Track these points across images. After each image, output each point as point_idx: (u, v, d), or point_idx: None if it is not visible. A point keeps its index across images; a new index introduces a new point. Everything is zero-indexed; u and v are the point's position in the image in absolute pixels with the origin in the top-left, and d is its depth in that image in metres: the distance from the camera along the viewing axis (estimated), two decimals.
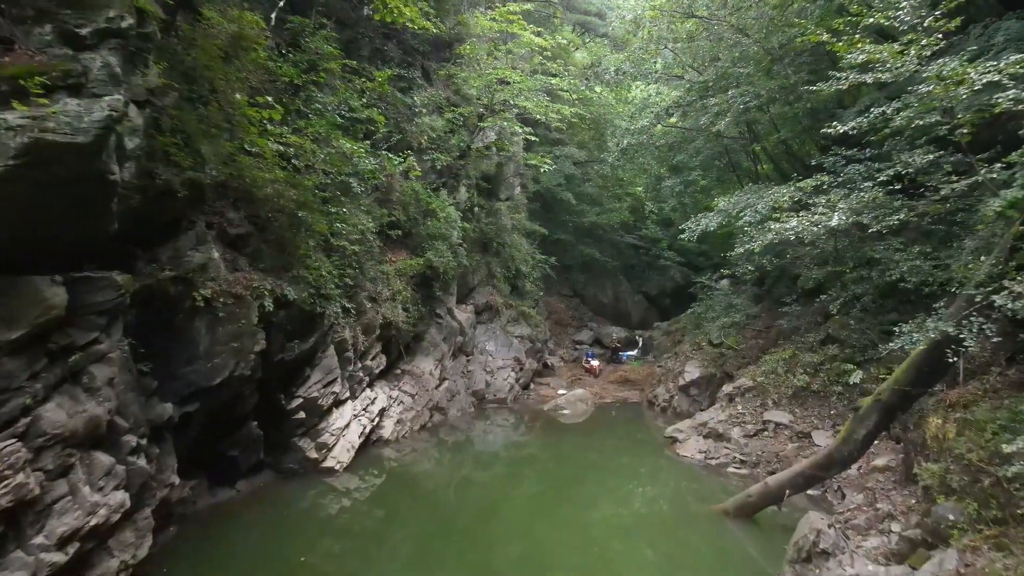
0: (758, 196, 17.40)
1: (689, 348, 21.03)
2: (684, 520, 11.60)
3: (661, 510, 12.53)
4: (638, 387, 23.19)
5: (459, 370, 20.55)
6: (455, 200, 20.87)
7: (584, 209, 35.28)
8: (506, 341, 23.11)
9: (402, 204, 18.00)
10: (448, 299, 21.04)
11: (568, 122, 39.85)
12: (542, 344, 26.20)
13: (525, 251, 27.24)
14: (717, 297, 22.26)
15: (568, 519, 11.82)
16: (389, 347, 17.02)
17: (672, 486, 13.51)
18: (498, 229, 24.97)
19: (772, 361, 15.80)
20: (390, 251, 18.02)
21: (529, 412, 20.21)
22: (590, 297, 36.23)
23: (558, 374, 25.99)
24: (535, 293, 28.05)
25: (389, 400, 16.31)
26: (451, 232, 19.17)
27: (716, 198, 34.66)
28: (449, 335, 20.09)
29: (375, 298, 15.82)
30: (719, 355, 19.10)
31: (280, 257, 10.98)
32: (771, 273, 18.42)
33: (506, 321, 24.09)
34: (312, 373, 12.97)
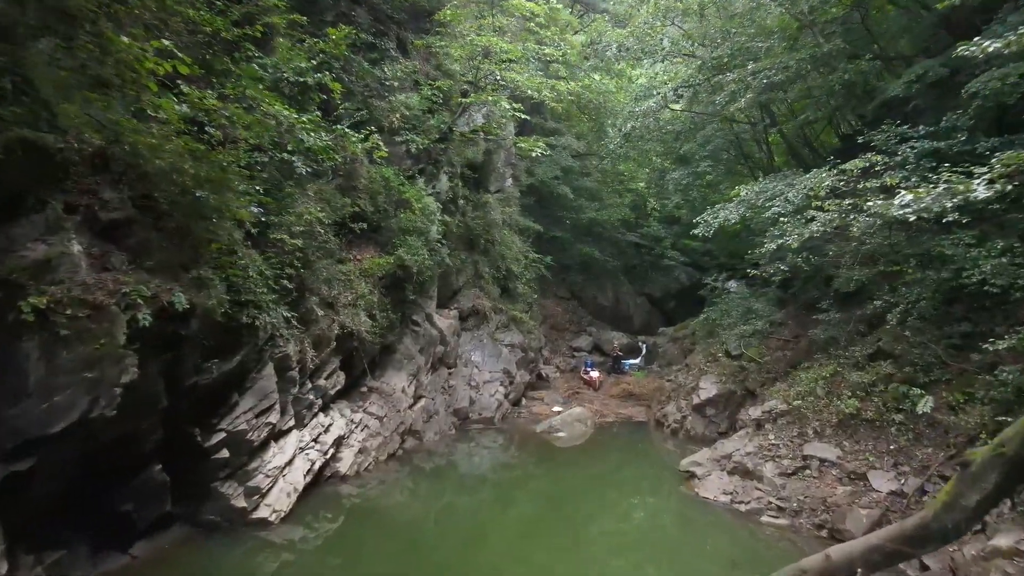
0: (788, 183, 14.81)
1: (703, 359, 18.37)
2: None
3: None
4: (643, 402, 20.54)
5: (439, 385, 17.87)
6: (435, 190, 18.21)
7: (582, 204, 32.65)
8: (494, 351, 20.43)
9: (369, 193, 15.35)
10: (426, 303, 18.38)
11: (566, 112, 37.39)
12: (536, 353, 23.52)
13: (517, 249, 24.56)
14: (733, 301, 19.60)
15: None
16: (351, 362, 14.34)
17: (692, 542, 10.81)
18: (486, 224, 22.29)
19: (808, 379, 13.14)
20: (355, 248, 15.39)
21: (519, 434, 17.53)
22: (589, 299, 33.57)
23: (553, 386, 23.31)
24: (528, 296, 25.38)
25: (350, 425, 13.63)
26: (429, 226, 16.53)
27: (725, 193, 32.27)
28: (427, 345, 17.42)
29: (331, 304, 13.15)
30: (739, 369, 16.45)
31: (179, 252, 8.28)
32: (802, 274, 15.77)
33: (495, 328, 21.43)
34: (241, 399, 10.29)
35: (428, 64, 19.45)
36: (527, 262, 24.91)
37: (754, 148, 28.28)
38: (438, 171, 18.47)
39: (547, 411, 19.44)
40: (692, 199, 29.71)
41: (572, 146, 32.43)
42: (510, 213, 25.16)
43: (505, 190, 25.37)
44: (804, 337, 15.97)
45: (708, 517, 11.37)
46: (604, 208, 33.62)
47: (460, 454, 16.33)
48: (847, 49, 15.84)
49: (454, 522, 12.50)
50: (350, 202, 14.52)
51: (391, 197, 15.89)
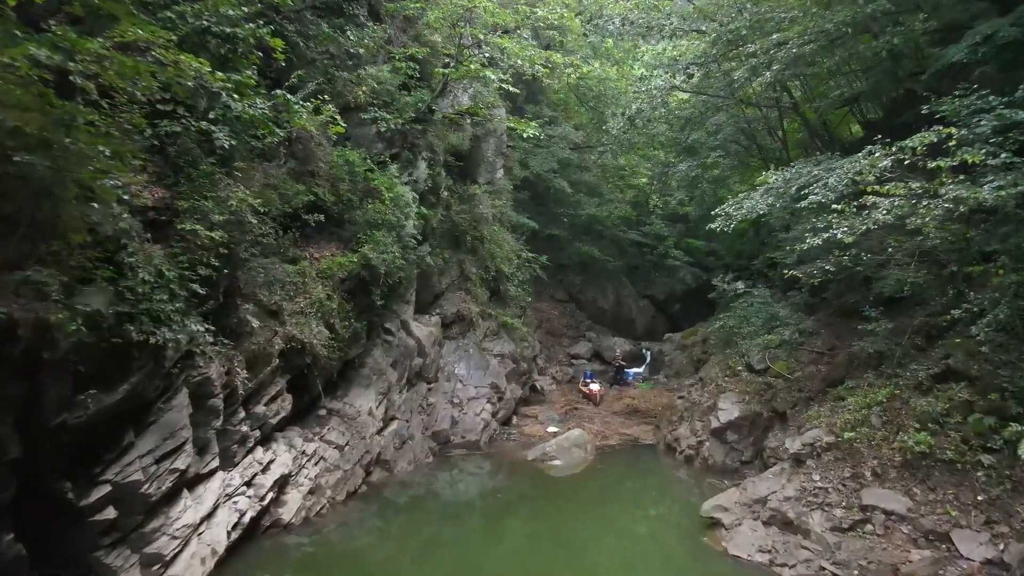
0: (825, 168, 12.43)
1: (719, 373, 15.97)
2: None
3: None
4: (650, 420, 18.13)
5: (415, 404, 15.45)
6: (411, 178, 15.81)
7: (581, 200, 30.27)
8: (481, 362, 18.01)
9: (330, 179, 12.97)
10: (402, 309, 15.97)
11: (563, 102, 35.04)
12: (529, 363, 21.11)
13: (509, 248, 22.16)
14: (753, 306, 17.19)
15: None
16: (304, 381, 11.92)
17: None
18: (473, 219, 19.89)
19: (858, 404, 10.75)
20: (313, 245, 13.00)
21: (508, 461, 15.10)
22: (588, 302, 31.18)
23: (549, 400, 20.89)
24: (522, 299, 22.98)
25: (300, 460, 11.21)
26: (403, 220, 14.14)
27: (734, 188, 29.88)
28: (401, 357, 15.01)
29: (275, 312, 10.73)
30: (764, 387, 14.06)
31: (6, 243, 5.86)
32: (839, 275, 13.37)
33: (482, 335, 19.02)
34: (138, 440, 7.87)
35: (405, 35, 17.07)
36: (520, 262, 22.51)
37: (767, 139, 25.97)
38: (415, 157, 16.06)
39: (541, 432, 17.03)
40: (700, 193, 27.36)
41: (570, 137, 29.98)
42: (501, 207, 22.78)
43: (496, 182, 22.97)
44: (842, 349, 13.58)
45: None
46: (604, 204, 31.23)
47: (438, 486, 13.93)
48: (893, 11, 13.45)
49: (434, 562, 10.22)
50: (304, 189, 12.13)
51: (356, 185, 13.51)
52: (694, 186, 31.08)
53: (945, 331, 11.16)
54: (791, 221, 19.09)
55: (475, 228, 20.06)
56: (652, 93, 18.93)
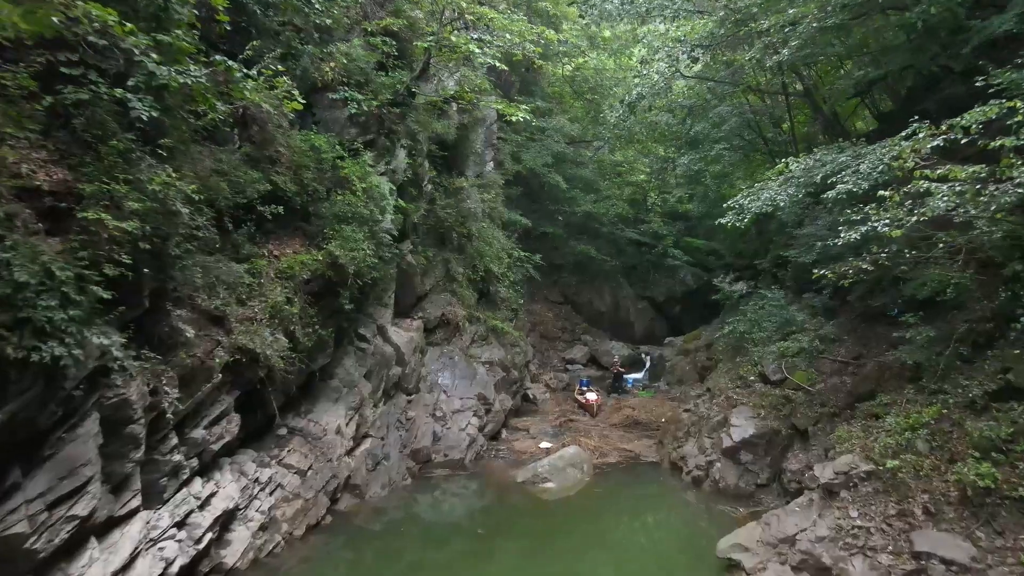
0: (853, 154, 10.95)
1: (728, 384, 14.48)
2: None
3: None
4: (652, 433, 16.61)
5: (392, 419, 13.89)
6: (389, 167, 14.26)
7: (577, 196, 28.80)
8: (468, 371, 16.47)
9: (292, 166, 11.42)
10: (379, 313, 14.44)
11: (558, 94, 33.53)
12: (521, 369, 19.59)
13: (499, 246, 20.63)
14: (765, 310, 15.69)
15: None
16: (260, 399, 10.37)
17: None
18: (460, 215, 18.37)
19: (899, 425, 9.25)
20: (274, 240, 11.46)
21: (495, 482, 13.56)
22: (584, 304, 29.71)
23: (542, 410, 19.37)
24: (514, 301, 21.47)
25: (251, 489, 9.67)
26: (377, 214, 12.59)
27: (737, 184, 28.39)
28: (377, 367, 13.47)
29: (219, 318, 9.17)
30: (782, 400, 12.57)
31: None
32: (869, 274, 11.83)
33: (470, 341, 17.48)
34: (27, 481, 6.32)
35: (383, 10, 15.51)
36: (511, 261, 20.98)
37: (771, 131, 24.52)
38: (393, 144, 14.50)
39: (533, 448, 15.49)
40: (703, 189, 25.88)
41: (565, 129, 28.50)
42: (491, 203, 21.23)
43: (485, 176, 21.46)
44: (870, 359, 12.10)
45: None
46: (601, 200, 29.76)
47: (417, 509, 12.41)
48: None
49: None
50: (259, 177, 10.58)
51: (324, 174, 11.96)
52: (696, 181, 29.75)
53: (994, 340, 9.69)
54: (805, 216, 17.66)
55: (462, 224, 18.53)
56: (654, 78, 17.39)
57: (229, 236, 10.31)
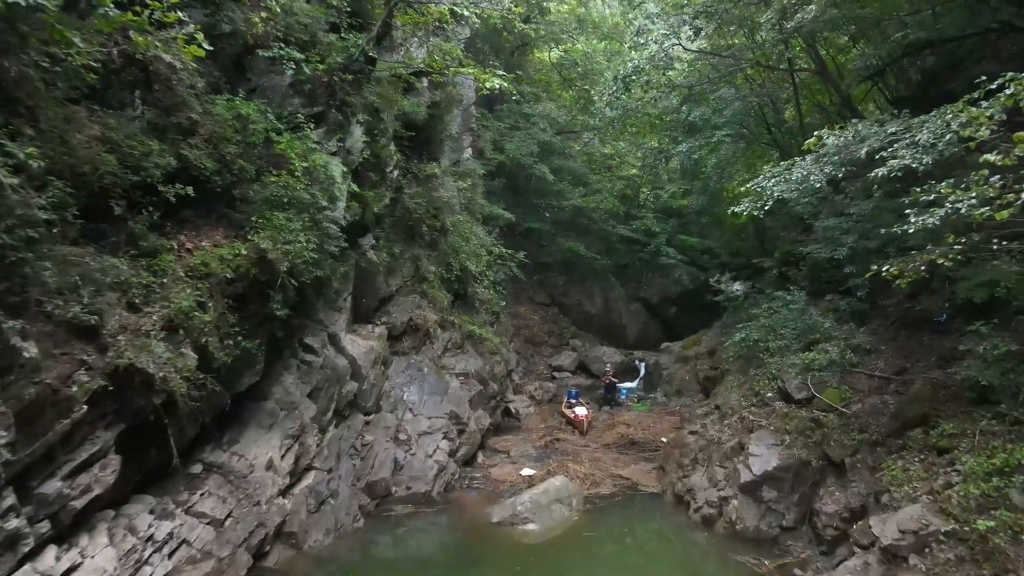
0: (902, 125, 8.87)
1: (742, 400, 12.39)
2: None
3: None
4: (650, 455, 14.50)
5: (345, 445, 11.65)
6: (341, 146, 12.02)
7: (564, 189, 26.61)
8: (438, 385, 14.26)
9: (211, 138, 9.16)
10: (331, 319, 12.25)
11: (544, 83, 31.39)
12: (501, 381, 17.41)
13: (479, 242, 18.45)
14: (781, 314, 13.62)
15: None
16: (156, 437, 8.08)
17: None
18: (433, 206, 16.17)
19: (984, 468, 7.16)
20: (189, 230, 9.22)
21: (466, 523, 11.33)
22: (572, 306, 27.58)
23: (525, 427, 17.19)
24: (494, 303, 19.28)
25: (140, 551, 7.40)
26: (321, 199, 10.38)
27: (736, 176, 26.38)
28: (326, 384, 11.23)
29: (87, 331, 6.89)
30: (811, 424, 10.47)
31: None
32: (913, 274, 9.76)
33: (441, 350, 15.27)
34: None
35: None
36: (491, 259, 18.78)
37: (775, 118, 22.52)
38: (347, 120, 12.25)
39: (513, 475, 13.29)
40: (702, 180, 23.80)
41: (552, 116, 26.35)
42: (469, 194, 19.01)
43: (463, 164, 19.27)
44: (917, 374, 10.03)
45: None
46: (591, 194, 27.65)
47: (365, 563, 10.18)
48: None
49: None
50: (160, 148, 8.33)
51: (252, 149, 9.70)
52: (694, 174, 27.74)
53: None
54: (820, 207, 15.65)
55: (434, 217, 16.32)
56: (651, 48, 15.26)
57: (123, 224, 8.09)
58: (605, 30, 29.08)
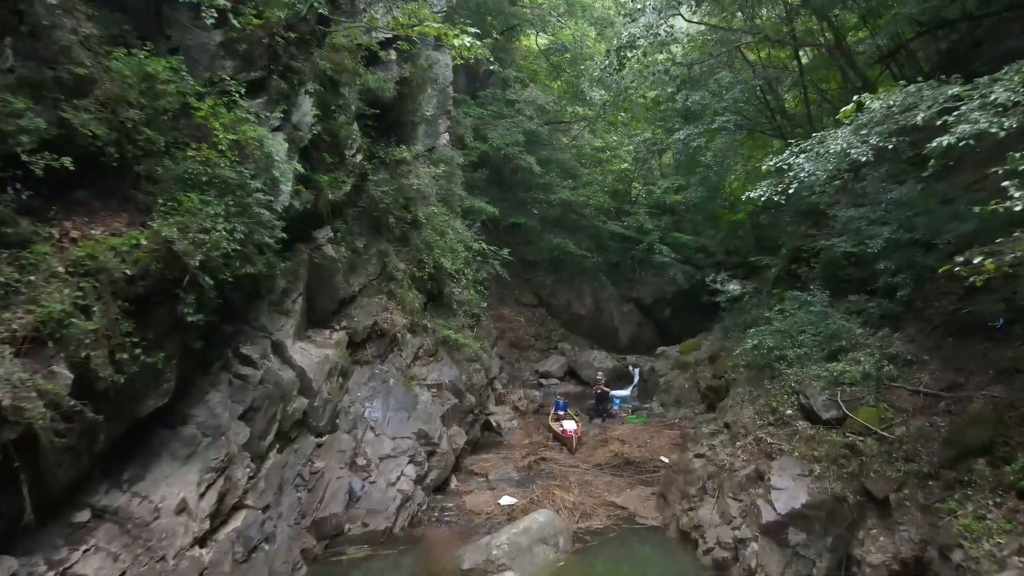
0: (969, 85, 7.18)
1: (757, 418, 10.64)
2: None
3: None
4: (648, 477, 12.76)
5: (289, 475, 9.78)
6: (286, 120, 10.17)
7: (552, 182, 24.81)
8: (406, 398, 12.43)
9: (109, 101, 7.32)
10: (275, 324, 10.42)
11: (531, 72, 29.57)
12: (480, 392, 15.64)
13: (456, 237, 16.65)
14: (799, 316, 11.91)
15: None
16: (35, 471, 6.21)
17: None
18: (402, 195, 14.31)
19: None
20: (80, 214, 7.40)
21: (430, 567, 9.48)
22: (561, 307, 25.81)
23: (508, 442, 15.40)
24: (474, 304, 17.52)
25: None
26: (251, 181, 8.53)
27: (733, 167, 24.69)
28: (265, 402, 9.36)
29: None
30: (844, 451, 8.73)
31: None
32: None
33: (411, 358, 13.43)
34: None
35: None
36: (470, 255, 16.98)
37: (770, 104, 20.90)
38: (294, 90, 10.40)
39: (490, 504, 11.47)
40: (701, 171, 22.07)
41: (539, 102, 24.56)
42: (446, 184, 17.20)
43: (439, 151, 17.42)
44: (974, 390, 8.31)
45: None
46: (581, 187, 25.90)
47: None
48: None
49: None
50: (25, 107, 6.48)
51: (161, 116, 7.83)
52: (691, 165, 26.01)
53: None
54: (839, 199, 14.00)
55: (405, 208, 14.48)
56: (649, 17, 13.49)
57: None
58: (595, 15, 27.34)
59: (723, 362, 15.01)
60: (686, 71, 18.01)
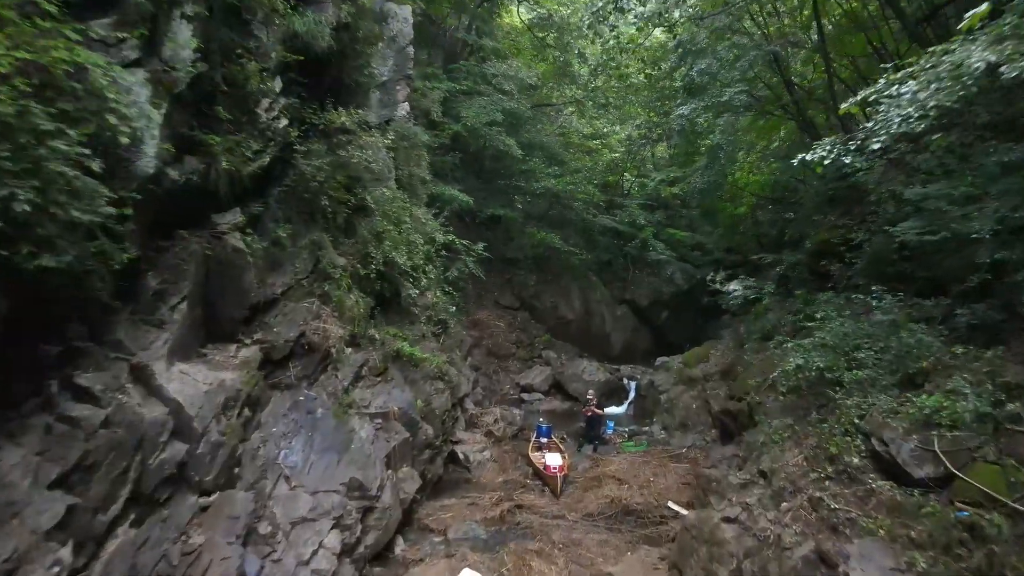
0: None
1: (808, 467, 7.79)
2: None
3: None
4: (655, 532, 9.89)
5: (150, 558, 6.76)
6: (146, 49, 7.17)
7: (536, 168, 21.89)
8: (337, 436, 9.44)
9: None
10: (141, 341, 7.49)
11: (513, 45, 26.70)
12: (445, 418, 12.67)
13: (415, 227, 13.69)
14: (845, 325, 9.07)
15: None
16: None
17: None
18: (342, 173, 11.36)
19: None
20: None
21: None
22: (546, 310, 22.92)
23: (478, 481, 12.43)
24: (441, 308, 14.59)
25: None
26: (75, 134, 5.50)
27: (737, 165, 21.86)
28: (104, 458, 6.37)
29: None
30: (959, 534, 5.83)
31: None
32: None
33: (350, 379, 10.46)
34: None
35: None
36: (433, 249, 14.06)
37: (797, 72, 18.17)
38: (164, 14, 7.40)
39: None
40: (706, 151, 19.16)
41: (521, 75, 21.63)
42: (406, 163, 14.25)
43: (397, 122, 14.44)
44: None
45: None
46: (569, 173, 23.05)
47: None
48: None
49: None
50: None
51: None
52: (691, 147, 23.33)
53: None
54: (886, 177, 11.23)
55: (347, 190, 11.53)
56: None
57: None
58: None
59: (743, 380, 12.17)
60: (690, 30, 15.14)
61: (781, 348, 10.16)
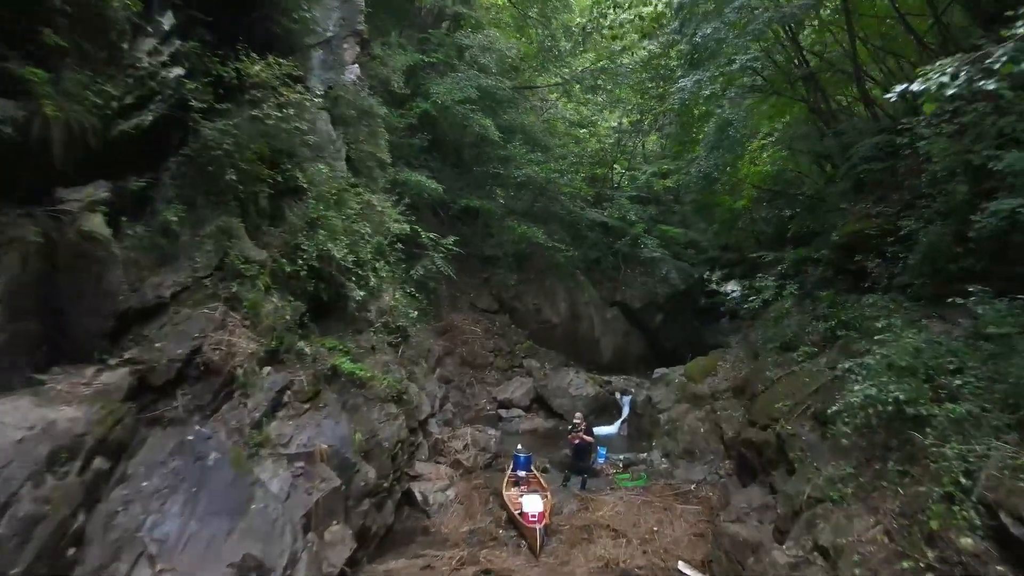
0: None
1: (888, 543, 5.36)
2: None
3: None
4: None
5: None
6: None
7: (516, 154, 19.44)
8: (232, 493, 6.92)
9: None
10: None
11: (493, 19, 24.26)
12: (397, 451, 10.14)
13: (364, 214, 11.18)
14: (921, 340, 6.69)
15: None
16: None
17: None
18: (263, 141, 8.84)
19: None
20: None
21: None
22: (528, 313, 20.48)
23: (438, 530, 9.91)
24: (399, 313, 12.11)
25: None
26: None
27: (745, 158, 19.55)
28: None
29: None
30: None
31: None
32: None
33: (262, 411, 7.92)
34: None
35: None
36: (385, 243, 11.57)
37: None
38: None
39: None
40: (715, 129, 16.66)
41: (498, 46, 19.15)
42: (356, 138, 11.75)
43: (342, 86, 11.92)
44: None
45: None
46: (554, 160, 20.66)
47: None
48: None
49: None
50: None
51: None
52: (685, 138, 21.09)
53: None
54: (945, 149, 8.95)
55: (272, 165, 9.03)
56: None
57: None
58: None
59: (766, 403, 9.82)
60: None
61: (830, 368, 7.79)
